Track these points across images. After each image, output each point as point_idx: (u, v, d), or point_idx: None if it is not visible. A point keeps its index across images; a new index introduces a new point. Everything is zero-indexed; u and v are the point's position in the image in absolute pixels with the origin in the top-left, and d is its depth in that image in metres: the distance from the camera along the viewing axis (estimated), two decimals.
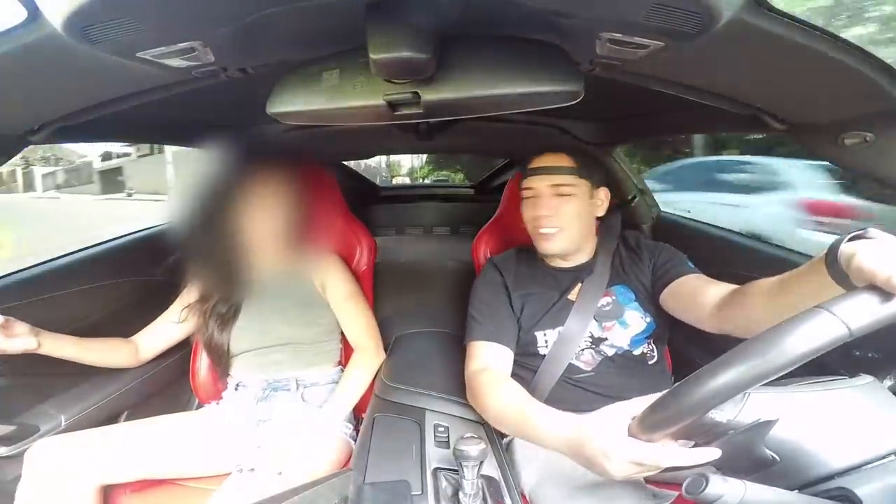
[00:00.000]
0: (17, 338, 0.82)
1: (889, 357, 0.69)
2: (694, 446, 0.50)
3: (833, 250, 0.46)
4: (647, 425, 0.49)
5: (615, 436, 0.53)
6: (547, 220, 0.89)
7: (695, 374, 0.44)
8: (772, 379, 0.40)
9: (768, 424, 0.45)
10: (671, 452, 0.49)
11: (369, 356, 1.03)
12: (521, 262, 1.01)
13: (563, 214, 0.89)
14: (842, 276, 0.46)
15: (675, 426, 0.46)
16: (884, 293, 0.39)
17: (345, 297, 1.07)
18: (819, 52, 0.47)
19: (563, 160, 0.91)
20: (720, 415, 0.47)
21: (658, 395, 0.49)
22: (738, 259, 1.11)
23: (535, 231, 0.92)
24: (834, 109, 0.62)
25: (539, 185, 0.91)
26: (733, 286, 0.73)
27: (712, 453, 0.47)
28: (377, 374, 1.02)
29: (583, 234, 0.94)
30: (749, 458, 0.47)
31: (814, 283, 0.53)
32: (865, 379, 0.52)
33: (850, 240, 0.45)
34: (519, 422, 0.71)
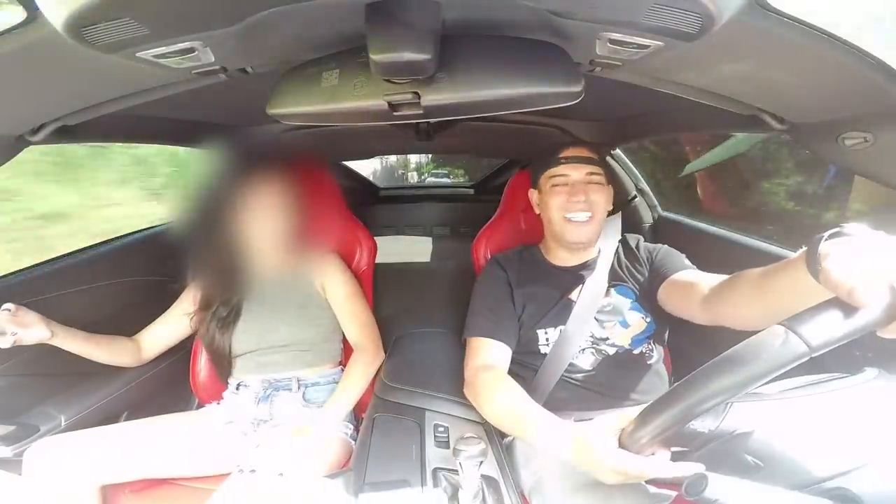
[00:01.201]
0: (31, 327, 0.83)
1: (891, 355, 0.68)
2: (678, 453, 0.52)
3: (812, 249, 0.46)
4: (634, 437, 0.51)
5: (605, 446, 0.55)
6: (582, 206, 0.91)
7: (670, 390, 0.46)
8: (767, 382, 0.41)
9: (744, 436, 0.47)
10: (655, 465, 0.51)
11: (369, 357, 1.03)
12: (523, 260, 1.02)
13: (594, 202, 0.92)
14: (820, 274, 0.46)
15: (657, 437, 0.48)
16: (847, 307, 0.38)
17: (345, 297, 1.08)
18: (819, 52, 0.47)
19: (588, 152, 0.94)
20: (702, 425, 0.48)
21: (643, 406, 0.51)
22: (739, 259, 1.11)
23: (563, 219, 0.93)
24: (834, 109, 0.62)
25: (574, 173, 0.93)
26: (723, 277, 0.74)
27: (695, 467, 0.47)
28: (377, 373, 1.02)
29: (602, 226, 0.96)
30: (732, 465, 0.47)
31: (795, 279, 0.52)
32: (870, 374, 0.52)
33: (830, 236, 0.45)
34: (517, 424, 0.73)
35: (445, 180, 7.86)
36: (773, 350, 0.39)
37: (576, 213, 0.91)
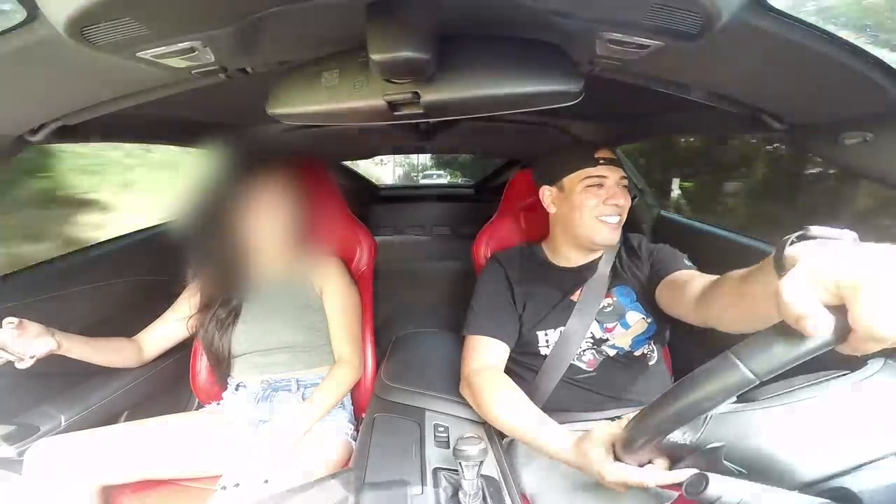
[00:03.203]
0: (38, 339, 0.82)
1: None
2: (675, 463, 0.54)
3: (778, 253, 0.44)
4: (626, 448, 0.54)
5: (603, 461, 0.58)
6: (616, 210, 0.91)
7: (649, 404, 0.49)
8: (767, 381, 0.41)
9: (718, 450, 0.49)
10: (652, 475, 0.54)
11: (349, 371, 1.03)
12: (524, 259, 1.02)
13: (624, 207, 0.92)
14: None
15: (643, 449, 0.51)
16: (793, 332, 0.37)
17: (339, 308, 1.07)
18: (819, 52, 0.47)
19: (613, 154, 0.94)
20: (682, 437, 0.51)
21: (632, 415, 0.54)
22: (739, 259, 1.11)
23: (596, 220, 0.91)
24: (834, 109, 0.62)
25: (611, 175, 0.92)
26: (714, 278, 0.73)
27: (691, 473, 0.48)
28: (377, 373, 1.02)
29: None
30: (714, 474, 0.48)
31: (765, 283, 0.51)
32: (875, 365, 0.50)
33: (796, 239, 0.43)
34: (517, 428, 0.73)
35: (441, 181, 7.95)
36: (721, 379, 0.41)
37: (610, 215, 0.91)
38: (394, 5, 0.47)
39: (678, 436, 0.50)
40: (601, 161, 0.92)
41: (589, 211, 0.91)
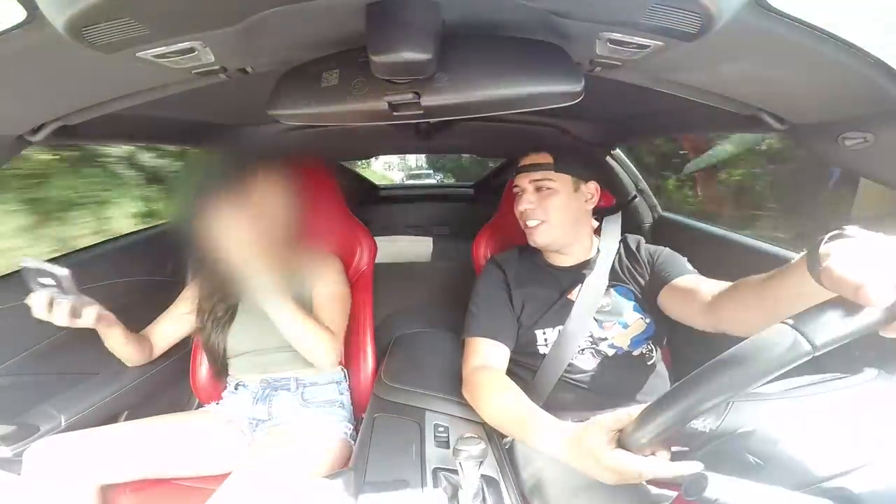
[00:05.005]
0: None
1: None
2: (678, 453, 0.52)
3: (812, 251, 0.45)
4: (634, 437, 0.51)
5: (603, 446, 0.55)
6: (531, 213, 0.94)
7: (672, 388, 0.45)
8: (769, 381, 0.40)
9: (746, 435, 0.47)
10: (653, 465, 0.51)
11: (332, 340, 0.96)
12: (523, 260, 1.02)
13: (545, 208, 0.93)
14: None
15: (658, 437, 0.48)
16: (851, 305, 0.38)
17: (325, 298, 1.03)
18: (819, 52, 0.47)
19: (544, 158, 0.95)
20: (703, 424, 0.49)
21: (643, 406, 0.51)
22: (739, 259, 1.11)
23: (523, 225, 0.97)
24: (834, 109, 0.62)
25: (522, 182, 0.96)
26: (726, 284, 0.73)
27: (694, 466, 0.48)
28: (377, 374, 1.01)
29: (571, 226, 0.95)
30: (733, 464, 0.47)
31: (797, 283, 0.52)
32: (870, 374, 0.51)
33: (830, 238, 0.44)
34: (517, 426, 0.73)
35: (430, 181, 8.00)
36: (776, 349, 0.39)
37: (527, 219, 0.95)
38: (393, 6, 0.47)
39: (698, 423, 0.49)
40: (518, 169, 0.97)
41: (518, 219, 0.98)
